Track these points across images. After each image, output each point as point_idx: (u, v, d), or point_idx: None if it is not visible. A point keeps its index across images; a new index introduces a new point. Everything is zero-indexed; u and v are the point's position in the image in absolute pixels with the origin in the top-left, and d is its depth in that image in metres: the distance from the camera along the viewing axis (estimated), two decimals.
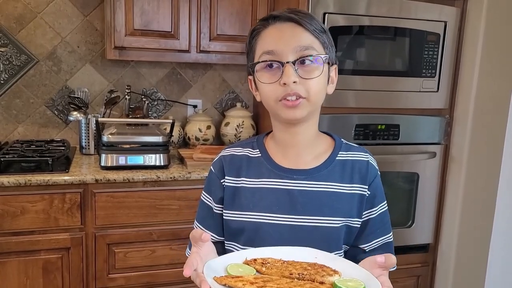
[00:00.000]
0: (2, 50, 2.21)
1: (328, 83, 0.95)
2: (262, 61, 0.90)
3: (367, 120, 2.12)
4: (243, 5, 2.19)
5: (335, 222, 0.93)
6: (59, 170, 1.87)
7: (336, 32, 1.98)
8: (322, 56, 0.90)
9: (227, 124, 2.45)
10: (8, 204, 1.76)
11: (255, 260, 0.84)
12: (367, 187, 0.97)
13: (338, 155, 0.98)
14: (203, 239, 0.77)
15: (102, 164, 1.95)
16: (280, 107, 0.90)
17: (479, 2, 2.09)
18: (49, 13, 2.24)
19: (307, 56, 0.88)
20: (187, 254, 1.02)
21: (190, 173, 1.97)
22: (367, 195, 0.96)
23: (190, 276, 0.76)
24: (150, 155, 2.00)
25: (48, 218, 1.82)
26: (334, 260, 0.84)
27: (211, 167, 1.03)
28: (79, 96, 2.25)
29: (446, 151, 2.28)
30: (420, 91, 2.15)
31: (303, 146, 0.96)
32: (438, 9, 2.10)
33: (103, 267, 1.92)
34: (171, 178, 1.94)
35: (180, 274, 2.03)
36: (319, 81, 0.90)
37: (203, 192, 1.03)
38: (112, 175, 1.88)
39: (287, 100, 0.88)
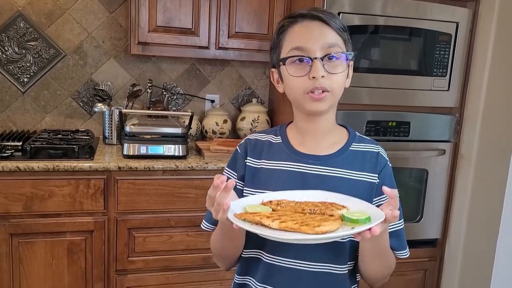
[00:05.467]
0: (33, 44, 2.34)
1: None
2: (293, 56, 0.99)
3: (378, 116, 2.19)
4: (261, 4, 2.27)
5: None
6: (84, 158, 1.99)
7: (351, 31, 2.05)
8: (347, 53, 1.00)
9: (243, 118, 2.54)
10: (37, 187, 1.89)
11: (271, 201, 0.94)
12: (376, 175, 1.05)
13: (352, 146, 1.07)
14: (228, 184, 0.87)
15: (125, 152, 2.06)
16: (307, 99, 0.99)
17: (491, 4, 2.14)
18: (76, 10, 2.36)
19: (333, 53, 0.98)
20: (202, 226, 1.11)
21: (207, 163, 2.07)
22: (376, 182, 1.05)
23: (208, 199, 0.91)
24: (170, 145, 2.10)
25: (73, 202, 1.93)
26: (343, 199, 0.93)
27: (237, 147, 1.13)
28: (103, 89, 2.37)
29: (455, 148, 2.34)
30: (431, 90, 2.21)
31: (321, 134, 1.06)
32: (450, 10, 2.16)
33: (123, 250, 2.03)
34: (189, 167, 2.04)
35: (195, 259, 2.14)
36: (342, 76, 1.00)
37: (226, 168, 1.13)
38: (134, 163, 1.98)
39: (313, 93, 0.97)
